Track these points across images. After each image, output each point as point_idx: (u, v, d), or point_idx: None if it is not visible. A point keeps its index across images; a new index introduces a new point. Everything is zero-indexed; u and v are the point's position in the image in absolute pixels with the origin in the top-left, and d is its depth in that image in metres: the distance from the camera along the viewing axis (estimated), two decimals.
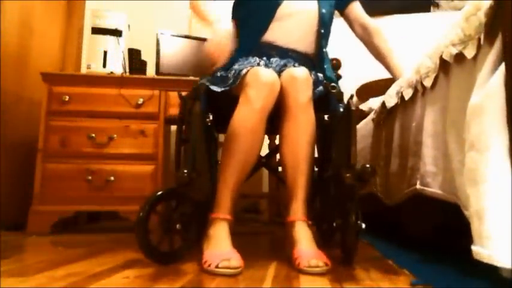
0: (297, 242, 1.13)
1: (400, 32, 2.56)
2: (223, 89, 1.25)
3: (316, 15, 1.45)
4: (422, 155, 1.15)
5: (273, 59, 1.38)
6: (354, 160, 1.13)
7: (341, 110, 1.28)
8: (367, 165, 1.06)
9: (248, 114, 1.17)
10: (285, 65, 1.33)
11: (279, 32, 1.41)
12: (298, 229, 1.15)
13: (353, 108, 1.18)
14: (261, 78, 1.17)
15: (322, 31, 1.45)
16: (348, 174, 1.09)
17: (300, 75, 1.21)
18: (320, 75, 1.36)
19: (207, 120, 1.25)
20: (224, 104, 1.24)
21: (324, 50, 1.47)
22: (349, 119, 1.18)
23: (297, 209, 1.18)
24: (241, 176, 1.18)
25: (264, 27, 1.41)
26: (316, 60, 1.45)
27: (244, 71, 1.21)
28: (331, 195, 1.28)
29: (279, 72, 1.27)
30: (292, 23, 1.42)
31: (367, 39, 1.61)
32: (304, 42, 1.44)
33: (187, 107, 1.28)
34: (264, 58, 1.38)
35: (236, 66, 1.31)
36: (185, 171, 1.09)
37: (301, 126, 1.20)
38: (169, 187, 1.17)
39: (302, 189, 1.20)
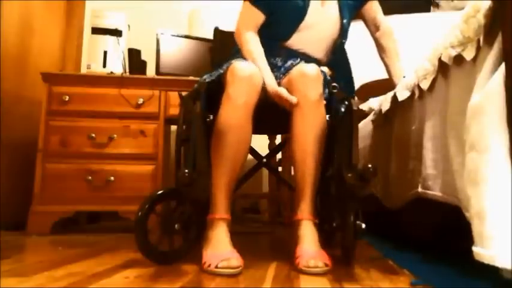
0: (301, 240, 1.13)
1: (400, 32, 2.55)
2: (210, 79, 1.26)
3: (338, 25, 1.45)
4: (422, 158, 1.15)
5: (278, 58, 1.38)
6: (356, 160, 1.13)
7: (342, 109, 1.28)
8: (369, 165, 1.06)
9: (231, 112, 1.16)
10: (294, 64, 1.33)
11: (298, 41, 1.41)
12: (304, 228, 1.15)
13: (354, 108, 1.18)
14: (238, 74, 1.16)
15: (344, 41, 1.48)
16: (349, 174, 1.09)
17: (310, 71, 1.20)
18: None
19: (208, 120, 1.25)
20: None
21: (338, 57, 1.49)
22: (350, 119, 1.18)
23: (305, 208, 1.18)
24: (232, 174, 1.18)
25: (286, 38, 1.41)
26: (327, 65, 1.46)
27: (226, 66, 1.22)
28: (332, 195, 1.28)
29: (286, 71, 1.27)
30: (314, 33, 1.42)
31: (377, 37, 1.62)
32: (320, 50, 1.45)
33: (187, 107, 1.28)
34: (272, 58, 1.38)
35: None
36: (186, 171, 1.09)
37: (311, 123, 1.19)
38: (169, 187, 1.17)
39: (310, 187, 1.19)
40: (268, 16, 1.40)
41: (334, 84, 1.29)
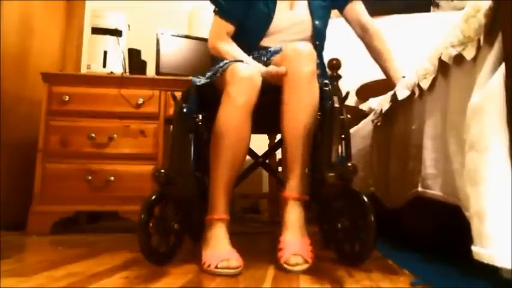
0: (285, 227, 1.13)
1: (400, 32, 2.56)
2: (203, 82, 1.27)
3: (309, 27, 1.45)
4: (422, 157, 1.15)
5: (261, 51, 1.40)
6: (335, 159, 1.12)
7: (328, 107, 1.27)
8: (349, 164, 1.05)
9: (231, 112, 1.16)
10: (275, 50, 1.35)
11: (270, 44, 1.42)
12: (290, 210, 1.14)
13: (337, 105, 1.16)
14: (238, 74, 1.16)
15: (317, 43, 1.46)
16: (330, 174, 1.09)
17: (303, 48, 1.20)
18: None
19: (197, 120, 1.25)
20: (216, 102, 1.23)
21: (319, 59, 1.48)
22: (331, 117, 1.17)
23: (293, 185, 1.16)
24: (231, 174, 1.17)
25: (255, 43, 1.43)
26: None
27: (224, 66, 1.22)
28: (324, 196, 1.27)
29: (271, 55, 1.31)
30: (284, 36, 1.42)
31: (366, 40, 1.60)
32: None
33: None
34: (255, 52, 1.41)
35: (221, 63, 1.31)
36: (162, 171, 1.09)
37: (303, 98, 1.18)
38: (157, 188, 1.16)
39: (299, 163, 1.17)
40: (237, 25, 1.43)
41: (326, 81, 1.29)
